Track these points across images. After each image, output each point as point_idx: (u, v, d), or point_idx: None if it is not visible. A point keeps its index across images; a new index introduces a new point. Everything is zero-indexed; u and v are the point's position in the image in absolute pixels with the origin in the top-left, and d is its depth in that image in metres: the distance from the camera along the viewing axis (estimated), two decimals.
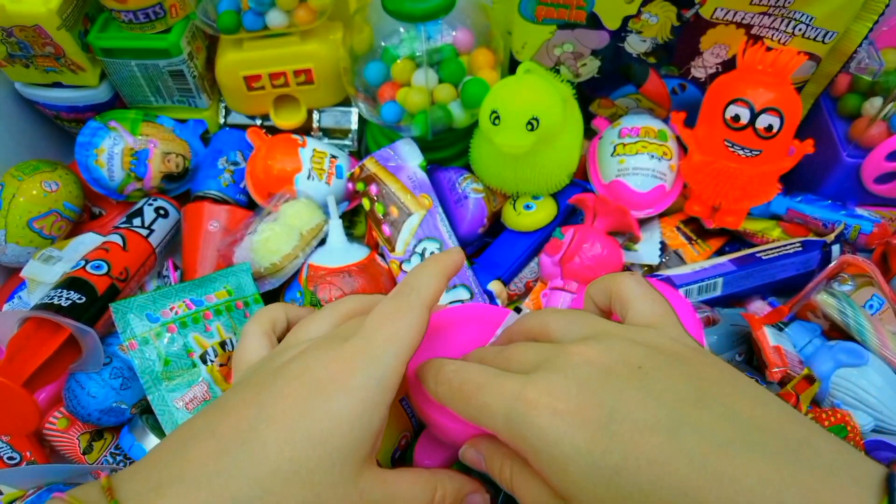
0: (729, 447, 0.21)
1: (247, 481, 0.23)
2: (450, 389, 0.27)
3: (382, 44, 0.50)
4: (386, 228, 0.50)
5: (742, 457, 0.20)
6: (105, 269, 0.47)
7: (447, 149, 0.56)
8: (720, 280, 0.49)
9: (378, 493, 0.26)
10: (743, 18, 0.47)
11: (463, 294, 0.48)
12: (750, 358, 0.48)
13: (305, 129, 0.60)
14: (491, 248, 0.53)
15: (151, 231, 0.52)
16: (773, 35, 0.48)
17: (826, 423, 0.41)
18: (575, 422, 0.22)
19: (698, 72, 0.53)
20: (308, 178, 0.53)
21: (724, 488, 0.20)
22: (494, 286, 0.50)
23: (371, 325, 0.27)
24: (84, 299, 0.44)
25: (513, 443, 0.24)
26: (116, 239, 0.50)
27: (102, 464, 0.48)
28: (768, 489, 0.19)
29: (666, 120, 0.55)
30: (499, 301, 0.50)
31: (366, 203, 0.51)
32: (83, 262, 0.47)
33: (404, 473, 0.28)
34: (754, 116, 0.47)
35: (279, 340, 0.33)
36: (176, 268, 0.53)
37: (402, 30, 0.49)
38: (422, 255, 0.49)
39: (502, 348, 0.29)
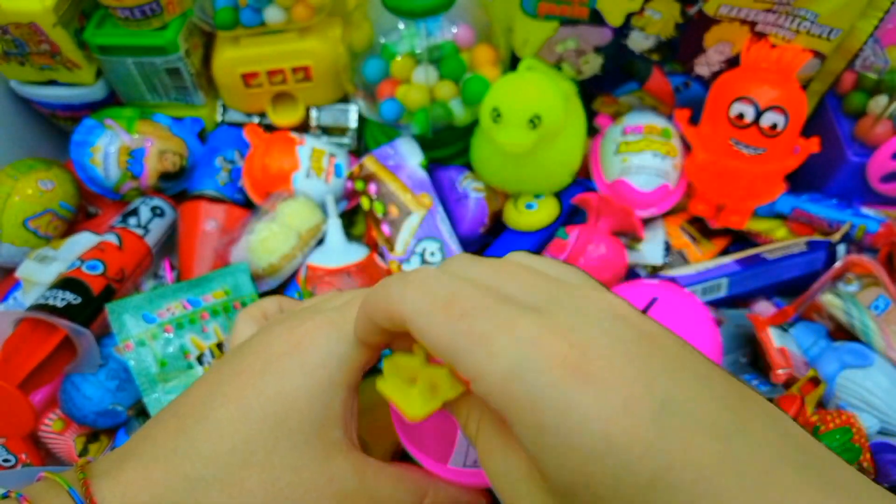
0: (781, 466, 0.17)
1: (201, 460, 0.22)
2: (433, 299, 0.19)
3: (382, 40, 0.50)
4: (385, 228, 0.49)
5: (794, 480, 0.16)
6: (101, 270, 0.46)
7: (447, 147, 0.56)
8: (725, 280, 0.49)
9: (352, 483, 0.24)
10: (747, 15, 0.47)
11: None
12: (755, 359, 0.48)
13: (304, 127, 0.59)
14: (492, 248, 0.53)
15: (147, 230, 0.52)
16: (777, 32, 0.48)
17: (831, 424, 0.41)
18: (615, 402, 0.16)
19: (702, 69, 0.52)
20: (306, 176, 0.52)
21: None
22: None
23: (352, 301, 0.25)
24: (79, 300, 0.44)
25: (503, 402, 0.18)
26: (112, 238, 0.49)
27: None
28: None
29: (670, 118, 0.55)
30: None
31: (365, 202, 0.51)
32: (79, 263, 0.47)
33: (389, 469, 0.25)
34: (759, 114, 0.46)
35: None
36: (172, 268, 0.52)
37: (401, 26, 0.49)
38: (421, 254, 0.48)
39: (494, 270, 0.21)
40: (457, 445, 0.28)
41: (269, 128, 0.59)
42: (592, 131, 0.56)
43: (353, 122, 0.60)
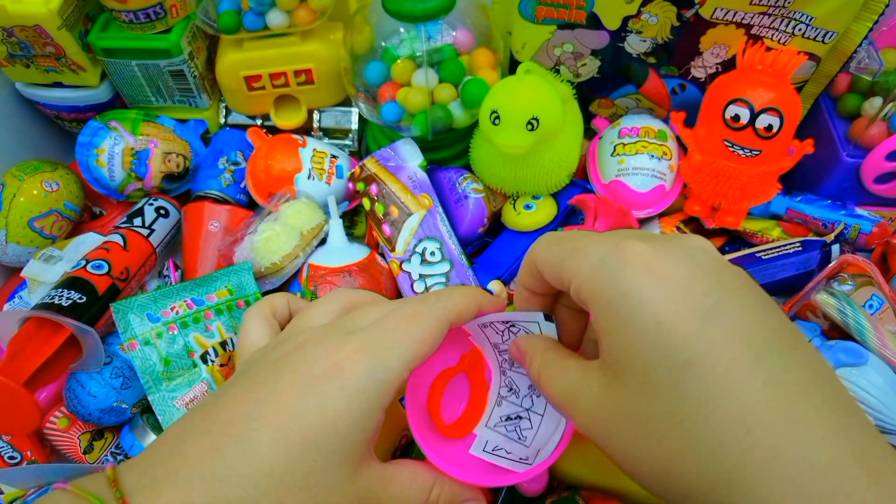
0: (804, 395, 0.19)
1: (241, 483, 0.22)
2: (548, 239, 0.25)
3: (383, 44, 0.50)
4: (386, 228, 0.50)
5: (813, 405, 0.19)
6: (106, 269, 0.47)
7: (447, 149, 0.57)
8: None
9: (375, 490, 0.25)
10: (743, 18, 0.47)
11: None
12: None
13: (306, 129, 0.60)
14: (491, 248, 0.53)
15: (152, 231, 0.52)
16: (772, 35, 0.48)
17: None
18: (671, 294, 0.20)
19: (698, 72, 0.53)
20: (308, 177, 0.53)
21: (787, 430, 0.18)
22: (494, 286, 0.50)
23: (383, 323, 0.26)
24: (85, 299, 0.44)
25: (590, 295, 0.22)
26: (117, 239, 0.50)
27: (103, 463, 0.48)
28: (822, 445, 0.18)
29: (666, 120, 0.55)
30: None
31: (366, 203, 0.52)
32: (84, 262, 0.47)
33: (402, 469, 0.27)
34: (754, 116, 0.47)
35: (281, 328, 0.32)
36: (177, 267, 0.53)
37: (402, 30, 0.49)
38: (422, 254, 0.49)
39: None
40: (477, 431, 0.31)
41: (272, 130, 0.59)
42: (590, 133, 0.56)
43: (354, 125, 0.60)
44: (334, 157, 0.55)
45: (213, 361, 0.45)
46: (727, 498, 0.19)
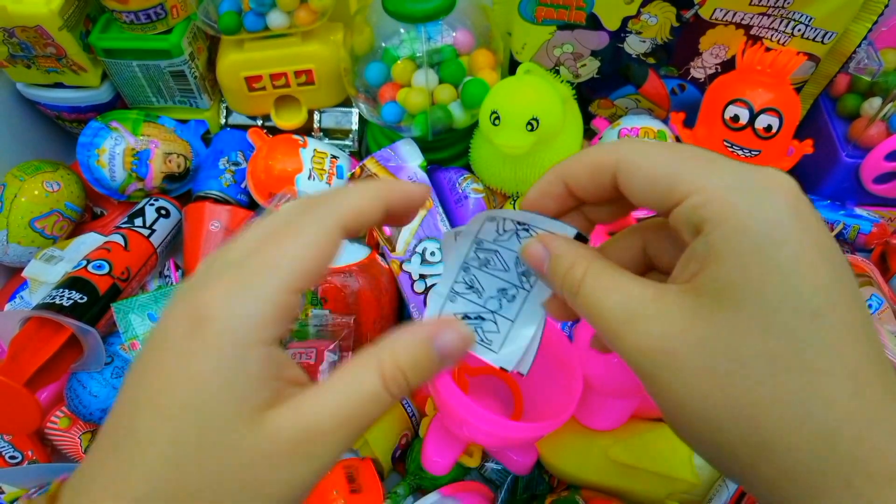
0: (877, 362, 0.20)
1: (141, 476, 0.20)
2: (650, 144, 0.23)
3: (383, 44, 0.51)
4: (386, 228, 0.50)
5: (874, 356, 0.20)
6: (107, 269, 0.47)
7: (447, 149, 0.57)
8: None
9: (293, 429, 0.21)
10: (742, 19, 0.47)
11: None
12: None
13: (306, 130, 0.60)
14: None
15: (153, 231, 0.52)
16: (772, 35, 0.48)
17: None
18: (812, 240, 0.19)
19: (697, 72, 0.53)
20: (309, 178, 0.53)
21: (889, 398, 0.19)
22: None
23: (256, 248, 0.22)
24: (86, 299, 0.45)
25: (717, 213, 0.20)
26: (118, 239, 0.50)
27: None
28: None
29: (665, 120, 0.55)
30: None
31: None
32: (85, 262, 0.47)
33: (326, 385, 0.21)
34: (753, 117, 0.47)
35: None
36: (177, 268, 0.53)
37: (402, 30, 0.49)
38: (422, 254, 0.49)
39: None
40: None
41: (273, 130, 0.60)
42: (589, 134, 0.56)
43: (354, 125, 0.60)
44: (334, 157, 0.55)
45: None
46: (815, 454, 0.18)
